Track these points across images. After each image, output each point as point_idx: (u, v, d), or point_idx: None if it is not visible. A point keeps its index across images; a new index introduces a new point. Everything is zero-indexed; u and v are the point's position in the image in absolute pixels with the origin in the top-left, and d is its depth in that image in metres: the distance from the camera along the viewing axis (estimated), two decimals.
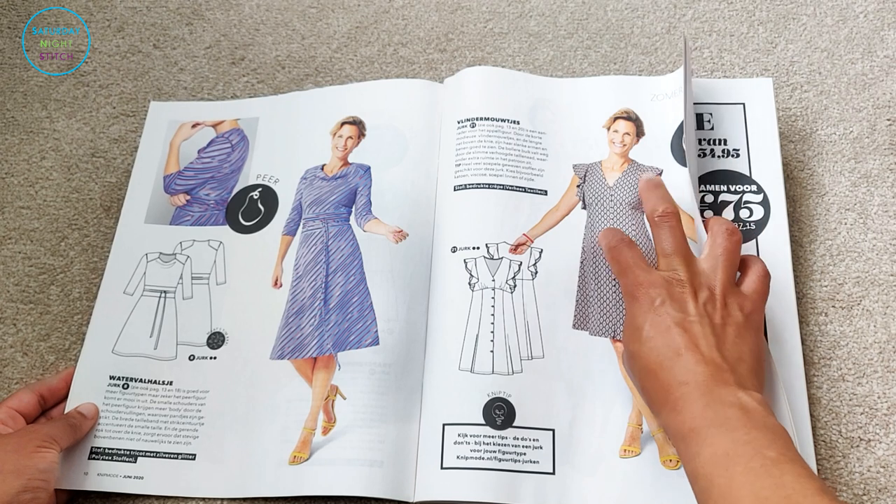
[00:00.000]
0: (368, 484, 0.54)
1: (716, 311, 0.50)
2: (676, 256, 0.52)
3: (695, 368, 0.47)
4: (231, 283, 0.64)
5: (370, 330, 0.60)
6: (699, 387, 0.46)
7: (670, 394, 0.47)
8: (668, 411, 0.47)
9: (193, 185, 0.69)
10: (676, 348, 0.48)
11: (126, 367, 0.61)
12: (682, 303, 0.50)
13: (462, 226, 0.63)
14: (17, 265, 0.68)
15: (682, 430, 0.45)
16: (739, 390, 0.46)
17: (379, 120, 0.69)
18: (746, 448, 0.42)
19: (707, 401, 0.45)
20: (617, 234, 0.56)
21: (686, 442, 0.45)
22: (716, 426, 0.44)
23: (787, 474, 0.41)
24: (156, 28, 0.81)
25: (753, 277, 0.52)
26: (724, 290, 0.50)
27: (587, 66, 0.74)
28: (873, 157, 0.66)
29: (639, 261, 0.53)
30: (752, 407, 0.45)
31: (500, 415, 0.56)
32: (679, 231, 0.53)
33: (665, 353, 0.48)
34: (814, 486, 0.40)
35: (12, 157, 0.74)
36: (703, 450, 0.44)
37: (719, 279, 0.51)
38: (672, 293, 0.50)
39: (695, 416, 0.45)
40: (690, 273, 0.51)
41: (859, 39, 0.73)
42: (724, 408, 0.45)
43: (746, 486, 0.41)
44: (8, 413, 0.56)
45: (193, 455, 0.58)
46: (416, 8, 0.80)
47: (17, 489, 0.50)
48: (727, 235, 0.52)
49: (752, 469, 0.41)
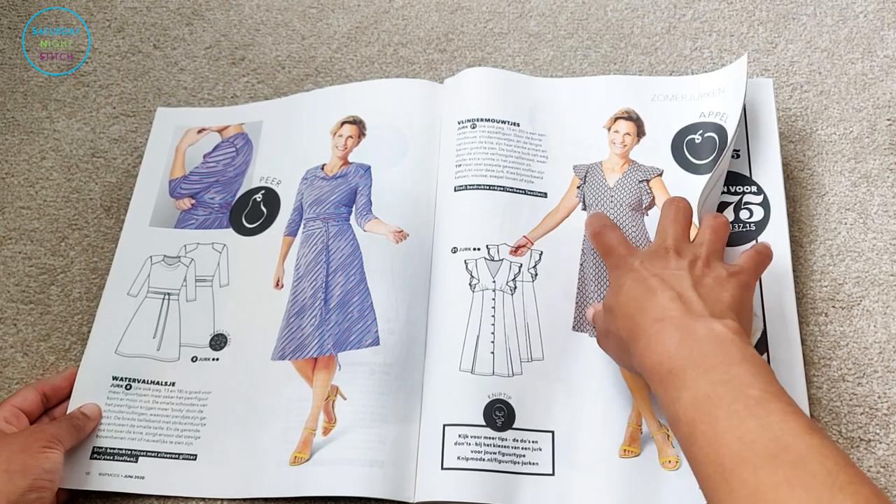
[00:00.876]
0: (369, 484, 0.55)
1: (696, 266, 0.49)
2: (670, 229, 0.52)
3: (668, 305, 0.46)
4: (234, 284, 0.65)
5: (370, 330, 0.60)
6: (673, 321, 0.45)
7: (644, 332, 0.46)
8: (643, 350, 0.46)
9: (198, 188, 0.70)
10: (652, 290, 0.48)
11: (129, 368, 0.61)
12: (664, 259, 0.50)
13: (463, 226, 0.63)
14: (17, 265, 0.68)
15: (660, 372, 0.44)
16: (713, 320, 0.45)
17: (379, 120, 0.69)
18: (727, 389, 0.41)
19: (681, 336, 0.44)
20: (601, 219, 0.57)
21: (664, 385, 0.44)
22: (693, 367, 0.43)
23: (772, 414, 0.39)
24: (156, 28, 0.81)
25: (747, 254, 0.52)
26: (708, 255, 0.50)
27: (587, 66, 0.74)
28: (873, 157, 0.66)
29: (622, 241, 0.55)
30: (726, 338, 0.44)
31: (500, 416, 0.56)
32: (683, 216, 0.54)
33: (640, 297, 0.48)
34: (802, 423, 0.39)
35: (12, 157, 0.74)
36: (683, 394, 0.42)
37: (705, 248, 0.51)
38: (655, 254, 0.51)
39: (671, 356, 0.44)
40: (677, 242, 0.52)
41: (859, 39, 0.73)
42: (699, 344, 0.44)
43: (731, 431, 0.39)
44: (11, 411, 0.56)
45: (195, 455, 0.58)
46: (416, 8, 0.80)
47: (24, 488, 0.50)
48: (713, 217, 0.53)
49: (736, 412, 0.40)
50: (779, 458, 0.37)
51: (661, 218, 0.54)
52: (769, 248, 0.54)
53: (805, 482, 0.36)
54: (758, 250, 0.53)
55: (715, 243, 0.52)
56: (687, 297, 0.47)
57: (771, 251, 0.54)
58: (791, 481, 0.36)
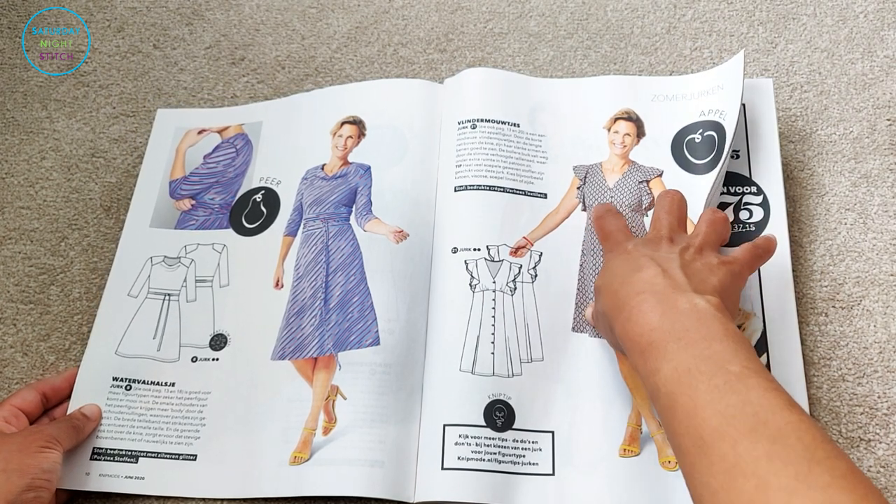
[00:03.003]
0: (369, 484, 0.55)
1: (687, 252, 0.50)
2: (665, 219, 0.52)
3: (653, 280, 0.47)
4: (234, 285, 0.65)
5: (370, 330, 0.60)
6: (655, 294, 0.46)
7: (627, 304, 0.46)
8: (624, 321, 0.46)
9: (199, 189, 0.70)
10: (639, 267, 0.48)
11: (129, 369, 0.61)
12: (657, 245, 0.50)
13: (463, 227, 0.63)
14: (17, 265, 0.68)
15: (641, 344, 0.44)
16: (696, 295, 0.45)
17: (379, 120, 0.69)
18: (708, 364, 0.41)
19: (663, 309, 0.45)
20: (606, 206, 0.57)
21: (644, 357, 0.44)
22: (674, 340, 0.43)
23: (752, 389, 0.39)
24: (156, 28, 0.81)
25: (744, 246, 0.52)
26: (701, 245, 0.50)
27: (587, 67, 0.74)
28: (873, 157, 0.66)
29: (621, 228, 0.55)
30: (708, 313, 0.44)
31: (500, 417, 0.56)
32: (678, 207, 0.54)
33: (627, 272, 0.48)
34: (781, 399, 0.39)
35: (12, 157, 0.74)
36: (664, 365, 0.42)
37: (699, 239, 0.51)
38: (649, 240, 0.51)
39: (653, 328, 0.44)
40: (671, 231, 0.52)
41: (859, 39, 0.73)
42: (681, 317, 0.44)
43: (711, 405, 0.40)
44: (11, 411, 0.56)
45: (194, 456, 0.58)
46: (416, 8, 0.80)
47: (21, 488, 0.50)
48: (712, 212, 0.53)
49: (717, 386, 0.40)
50: (757, 433, 0.37)
51: (656, 209, 0.54)
52: (771, 242, 0.53)
53: (783, 456, 0.36)
54: (756, 244, 0.53)
55: (710, 235, 0.52)
56: (672, 274, 0.47)
57: (773, 245, 0.53)
58: (770, 455, 0.36)
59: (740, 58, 0.63)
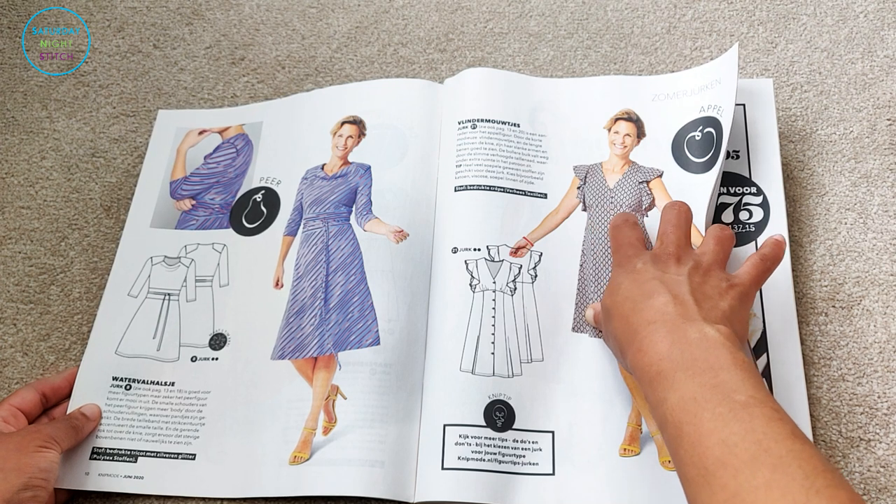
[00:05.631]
0: (369, 484, 0.54)
1: (696, 273, 0.50)
2: (672, 234, 0.52)
3: (664, 308, 0.47)
4: (234, 284, 0.65)
5: (371, 330, 0.60)
6: (666, 324, 0.46)
7: (637, 334, 0.46)
8: (635, 352, 0.46)
9: (199, 189, 0.70)
10: (649, 292, 0.48)
11: (129, 369, 0.61)
12: (665, 265, 0.50)
13: (463, 227, 0.63)
14: (17, 265, 0.68)
15: (650, 374, 0.45)
16: (706, 324, 0.45)
17: (379, 119, 0.69)
18: (714, 393, 0.41)
19: (673, 339, 0.45)
20: (626, 215, 0.57)
21: (653, 386, 0.44)
22: (682, 370, 0.43)
23: (756, 418, 0.39)
24: (156, 28, 0.81)
25: (750, 262, 0.52)
26: (709, 264, 0.50)
27: (587, 66, 0.74)
28: (873, 157, 0.66)
29: (634, 240, 0.54)
30: (717, 342, 0.44)
31: (500, 417, 0.56)
32: (685, 220, 0.54)
33: (637, 298, 0.48)
34: (785, 429, 0.39)
35: (12, 157, 0.74)
36: (671, 395, 0.43)
37: (707, 258, 0.51)
38: (657, 258, 0.51)
39: (661, 358, 0.44)
40: (678, 248, 0.52)
41: (859, 39, 0.73)
42: (690, 347, 0.44)
43: (715, 434, 0.40)
44: (10, 411, 0.56)
45: (194, 455, 0.58)
46: (416, 8, 0.80)
47: (18, 487, 0.50)
48: (720, 229, 0.53)
49: (721, 415, 0.40)
50: (759, 462, 0.38)
51: (662, 222, 0.54)
52: (779, 247, 0.53)
53: (783, 486, 0.36)
54: (764, 255, 0.52)
55: (718, 254, 0.52)
56: (683, 301, 0.47)
57: (781, 251, 0.53)
58: (769, 484, 0.36)
59: (734, 51, 0.63)
